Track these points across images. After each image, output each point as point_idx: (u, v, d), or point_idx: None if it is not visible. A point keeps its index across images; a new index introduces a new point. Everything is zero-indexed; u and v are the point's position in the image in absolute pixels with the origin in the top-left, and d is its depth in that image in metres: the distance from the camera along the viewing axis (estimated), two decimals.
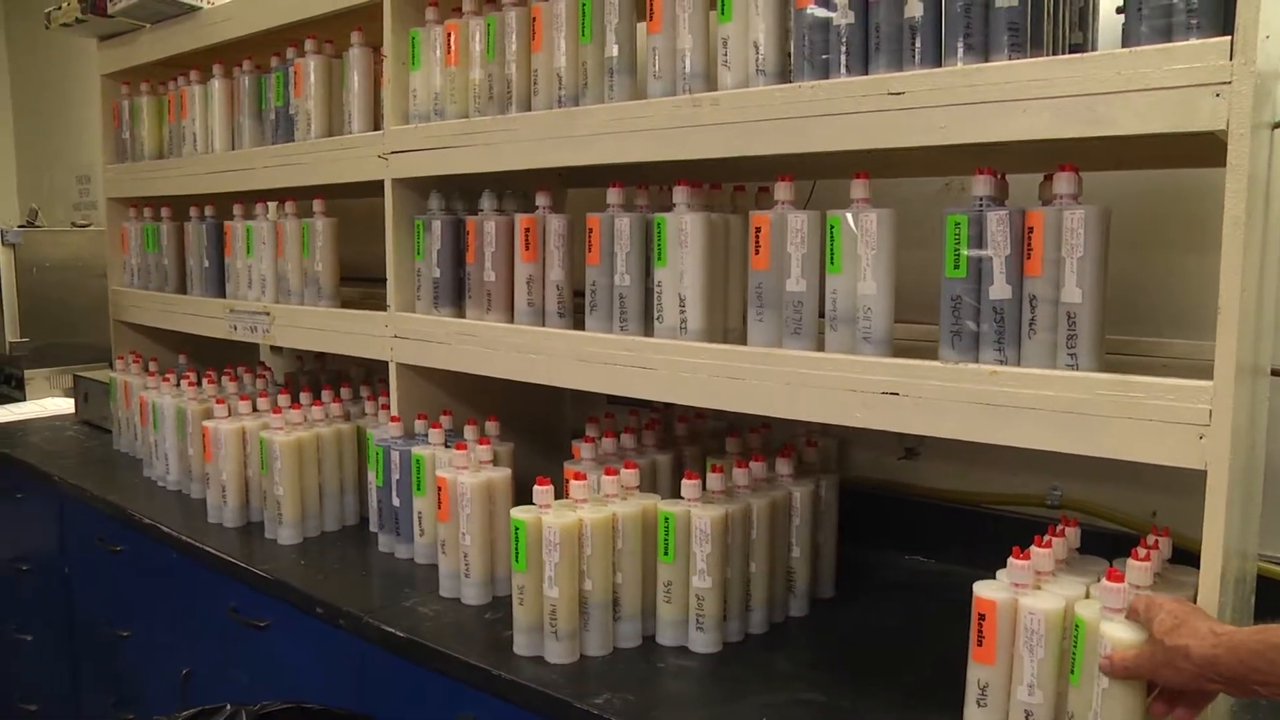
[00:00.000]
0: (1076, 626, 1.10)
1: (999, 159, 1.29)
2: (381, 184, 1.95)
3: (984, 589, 1.16)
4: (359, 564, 1.89)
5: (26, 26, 4.81)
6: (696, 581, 1.45)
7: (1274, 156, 1.18)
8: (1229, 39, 0.99)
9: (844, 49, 1.30)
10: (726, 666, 1.43)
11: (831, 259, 1.31)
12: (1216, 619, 0.99)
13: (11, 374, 3.65)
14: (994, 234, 1.18)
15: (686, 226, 1.46)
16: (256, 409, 2.18)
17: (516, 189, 1.88)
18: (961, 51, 1.20)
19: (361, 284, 2.44)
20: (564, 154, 1.61)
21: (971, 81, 1.17)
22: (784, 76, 1.39)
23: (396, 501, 1.88)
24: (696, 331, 1.47)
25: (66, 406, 3.28)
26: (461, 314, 1.86)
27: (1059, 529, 1.27)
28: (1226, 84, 0.99)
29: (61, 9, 2.67)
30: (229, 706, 1.58)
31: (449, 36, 1.80)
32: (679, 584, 1.46)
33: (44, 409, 3.31)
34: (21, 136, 5.07)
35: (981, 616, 1.15)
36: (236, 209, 2.41)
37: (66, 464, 2.57)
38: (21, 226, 3.76)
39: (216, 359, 2.64)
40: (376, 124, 2.05)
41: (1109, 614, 1.07)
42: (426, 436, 1.86)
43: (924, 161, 1.59)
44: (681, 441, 1.83)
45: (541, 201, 1.71)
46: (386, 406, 2.03)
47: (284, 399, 2.08)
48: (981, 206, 1.21)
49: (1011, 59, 1.17)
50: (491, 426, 1.85)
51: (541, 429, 2.14)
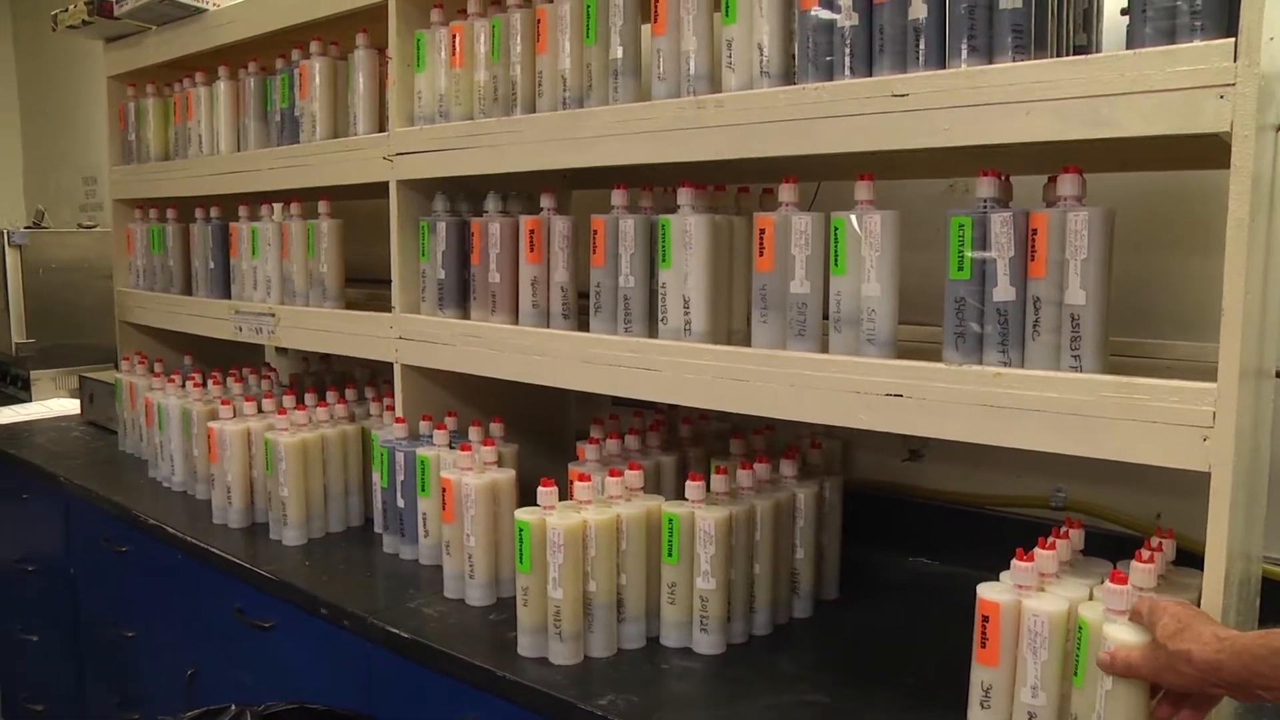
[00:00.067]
0: (1080, 628, 1.10)
1: (1003, 161, 1.29)
2: (386, 185, 1.95)
3: (988, 591, 1.16)
4: (364, 565, 1.89)
5: (33, 28, 4.83)
6: (700, 583, 1.45)
7: (1278, 158, 1.18)
8: (1233, 41, 0.99)
9: (848, 50, 1.30)
10: (730, 668, 1.43)
11: (835, 261, 1.31)
12: (1220, 623, 0.99)
13: (17, 375, 3.66)
14: (998, 236, 1.18)
15: (691, 228, 1.46)
16: (261, 410, 2.18)
17: (521, 190, 1.89)
18: (965, 53, 1.20)
19: (366, 285, 2.45)
20: (568, 156, 1.61)
21: (975, 83, 1.17)
22: (788, 78, 1.39)
23: (401, 503, 1.88)
24: (701, 333, 1.47)
25: (72, 407, 3.29)
26: (466, 315, 1.86)
27: (1063, 531, 1.26)
28: (1230, 86, 0.99)
29: (68, 11, 2.68)
30: (234, 707, 1.59)
31: (454, 38, 1.80)
32: (683, 585, 1.46)
33: (50, 410, 3.32)
34: (28, 138, 5.08)
35: (985, 618, 1.15)
36: (242, 210, 2.42)
37: (72, 465, 2.58)
38: (28, 228, 3.78)
39: (222, 360, 2.64)
40: (381, 125, 2.05)
41: (1112, 616, 1.07)
42: (431, 438, 1.86)
43: (928, 163, 1.58)
44: (686, 443, 1.84)
45: (546, 203, 1.71)
46: (391, 408, 2.03)
47: (289, 400, 2.09)
48: (985, 208, 1.21)
49: (1015, 60, 1.17)
50: (496, 428, 1.85)
51: (546, 430, 2.14)
